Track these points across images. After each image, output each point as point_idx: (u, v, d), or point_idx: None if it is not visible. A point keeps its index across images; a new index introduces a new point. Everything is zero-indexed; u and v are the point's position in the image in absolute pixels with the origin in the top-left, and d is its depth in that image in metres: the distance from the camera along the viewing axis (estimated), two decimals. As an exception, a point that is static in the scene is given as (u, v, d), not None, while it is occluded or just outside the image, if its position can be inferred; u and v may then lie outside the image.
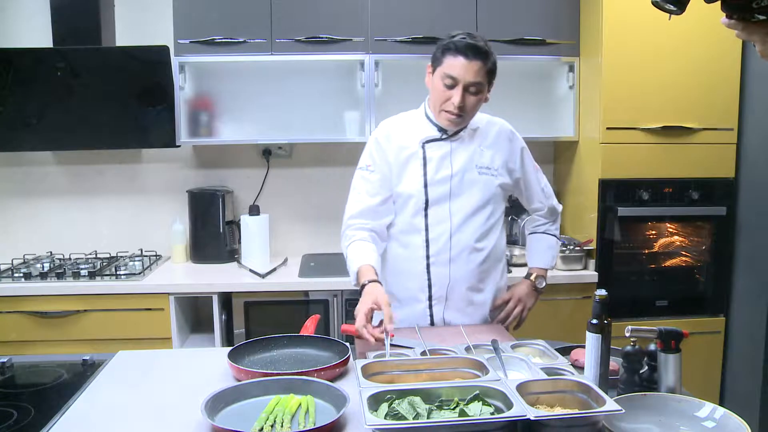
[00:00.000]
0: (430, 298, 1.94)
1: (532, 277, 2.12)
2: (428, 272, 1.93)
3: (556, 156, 3.34)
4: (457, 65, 1.79)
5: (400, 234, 1.96)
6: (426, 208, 1.91)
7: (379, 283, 1.75)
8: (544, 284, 2.13)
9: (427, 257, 1.92)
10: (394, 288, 1.97)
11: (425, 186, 1.91)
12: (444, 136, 1.92)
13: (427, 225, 1.92)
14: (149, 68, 2.89)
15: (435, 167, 1.91)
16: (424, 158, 1.91)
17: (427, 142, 1.92)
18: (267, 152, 3.22)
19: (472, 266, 1.94)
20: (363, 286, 1.75)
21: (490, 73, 1.85)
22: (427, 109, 1.96)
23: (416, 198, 1.91)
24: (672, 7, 1.11)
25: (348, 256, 1.90)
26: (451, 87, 1.81)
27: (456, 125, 1.89)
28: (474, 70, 1.79)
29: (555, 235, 2.17)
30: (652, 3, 1.13)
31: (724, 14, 1.15)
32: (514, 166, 2.00)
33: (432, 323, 1.95)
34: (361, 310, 1.68)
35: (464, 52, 1.78)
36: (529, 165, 2.04)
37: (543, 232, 2.16)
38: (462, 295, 1.95)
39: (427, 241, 1.92)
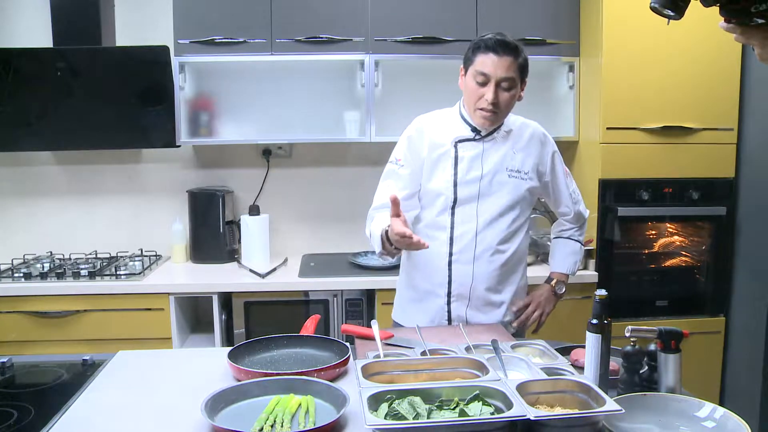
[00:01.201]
0: (449, 294, 1.95)
1: (553, 282, 2.14)
2: (449, 269, 1.94)
3: (556, 156, 3.34)
4: (487, 62, 1.82)
5: (425, 228, 1.97)
6: (453, 207, 1.93)
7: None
8: (564, 289, 2.15)
9: (450, 254, 1.94)
10: (415, 281, 2.00)
11: (455, 185, 1.92)
12: (477, 137, 1.94)
13: (452, 223, 1.93)
14: (149, 68, 2.89)
15: (466, 167, 1.92)
16: (456, 157, 1.93)
17: (460, 141, 1.94)
18: (267, 152, 3.22)
19: (492, 267, 1.95)
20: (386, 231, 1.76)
21: (522, 69, 1.87)
22: (461, 108, 1.98)
23: (445, 196, 1.93)
24: (670, 13, 1.12)
25: (371, 229, 1.90)
26: (483, 84, 1.83)
27: (491, 123, 1.90)
28: (505, 66, 1.82)
29: (579, 241, 2.18)
30: (651, 8, 1.13)
31: (722, 18, 1.15)
32: (544, 169, 2.01)
33: (449, 320, 1.97)
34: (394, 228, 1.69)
35: (494, 48, 1.81)
36: (560, 169, 2.06)
37: (568, 237, 2.17)
38: (481, 294, 1.96)
39: (451, 238, 1.93)
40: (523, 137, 1.99)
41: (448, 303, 1.96)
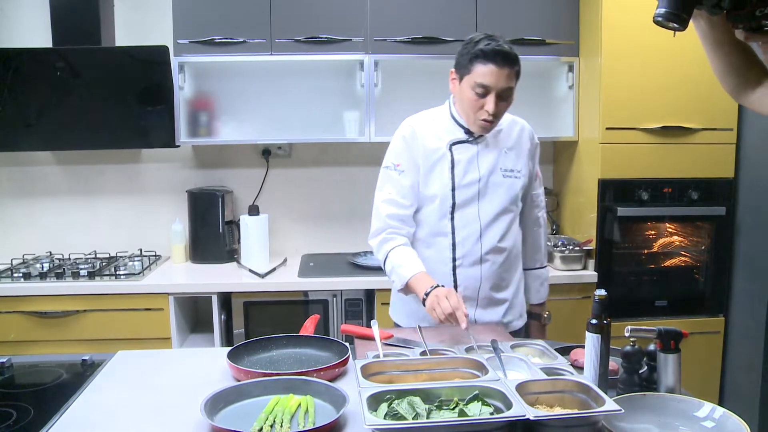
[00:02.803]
0: None
1: (544, 316, 2.18)
2: (454, 274, 1.94)
3: (555, 156, 3.34)
4: (488, 74, 1.79)
5: (426, 236, 1.97)
6: (452, 212, 1.92)
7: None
8: (549, 317, 2.20)
9: (453, 260, 1.94)
10: None
11: (453, 189, 1.92)
12: (470, 139, 1.93)
13: (453, 228, 1.93)
14: (149, 68, 2.89)
15: (463, 170, 1.92)
16: (452, 161, 1.92)
17: (454, 144, 1.93)
18: (267, 152, 3.22)
19: (495, 266, 1.96)
20: (427, 293, 1.76)
21: (517, 75, 1.86)
22: (452, 110, 1.96)
23: (442, 201, 1.92)
24: (675, 25, 1.13)
25: (394, 261, 1.88)
26: (483, 95, 1.81)
27: (489, 131, 1.91)
28: (505, 76, 1.80)
29: (544, 266, 2.20)
30: (654, 22, 1.14)
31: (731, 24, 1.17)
32: (532, 166, 2.04)
33: None
34: (454, 298, 1.68)
35: (494, 59, 1.78)
36: (537, 166, 2.08)
37: (536, 268, 2.17)
38: (486, 294, 1.97)
39: (453, 244, 1.93)
40: (512, 135, 2.00)
41: None
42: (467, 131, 1.93)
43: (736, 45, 1.26)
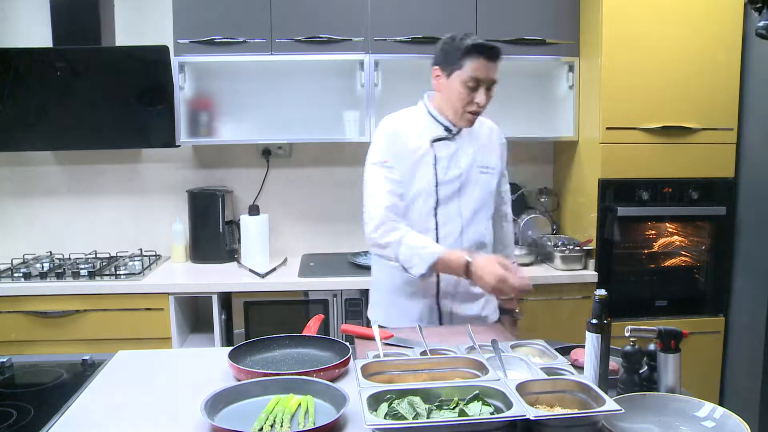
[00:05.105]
0: (437, 293, 1.97)
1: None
2: None
3: (555, 156, 3.34)
4: (481, 67, 1.85)
5: None
6: (436, 208, 1.94)
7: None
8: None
9: None
10: (402, 282, 1.98)
11: (437, 186, 1.93)
12: (450, 136, 1.96)
13: (437, 224, 1.95)
14: (149, 68, 2.89)
15: (445, 167, 1.94)
16: (435, 157, 1.94)
17: (436, 141, 1.95)
18: (267, 152, 3.22)
19: None
20: (467, 264, 1.79)
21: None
22: (430, 108, 1.98)
23: (426, 197, 1.93)
24: None
25: (413, 243, 1.85)
26: (474, 89, 1.86)
27: (473, 124, 1.95)
28: (494, 69, 1.87)
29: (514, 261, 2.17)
30: (757, 34, 1.16)
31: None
32: (502, 164, 2.08)
33: (440, 316, 1.98)
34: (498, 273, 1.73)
35: (485, 53, 1.84)
36: (504, 164, 2.11)
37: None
38: (466, 288, 1.98)
39: (437, 240, 1.94)
40: (483, 134, 2.03)
41: (438, 302, 1.98)
42: (446, 129, 1.96)
43: None
